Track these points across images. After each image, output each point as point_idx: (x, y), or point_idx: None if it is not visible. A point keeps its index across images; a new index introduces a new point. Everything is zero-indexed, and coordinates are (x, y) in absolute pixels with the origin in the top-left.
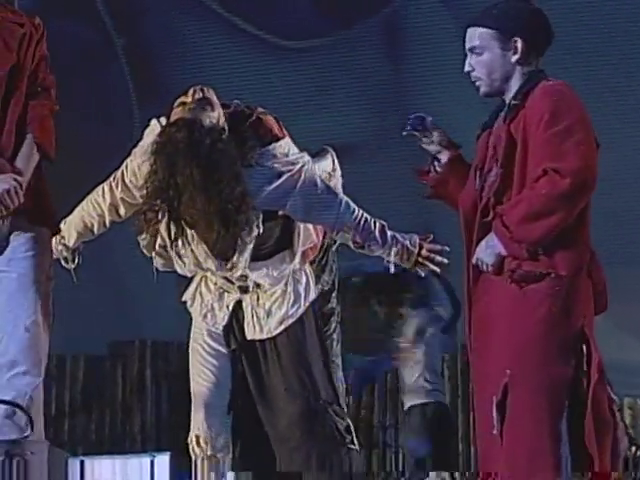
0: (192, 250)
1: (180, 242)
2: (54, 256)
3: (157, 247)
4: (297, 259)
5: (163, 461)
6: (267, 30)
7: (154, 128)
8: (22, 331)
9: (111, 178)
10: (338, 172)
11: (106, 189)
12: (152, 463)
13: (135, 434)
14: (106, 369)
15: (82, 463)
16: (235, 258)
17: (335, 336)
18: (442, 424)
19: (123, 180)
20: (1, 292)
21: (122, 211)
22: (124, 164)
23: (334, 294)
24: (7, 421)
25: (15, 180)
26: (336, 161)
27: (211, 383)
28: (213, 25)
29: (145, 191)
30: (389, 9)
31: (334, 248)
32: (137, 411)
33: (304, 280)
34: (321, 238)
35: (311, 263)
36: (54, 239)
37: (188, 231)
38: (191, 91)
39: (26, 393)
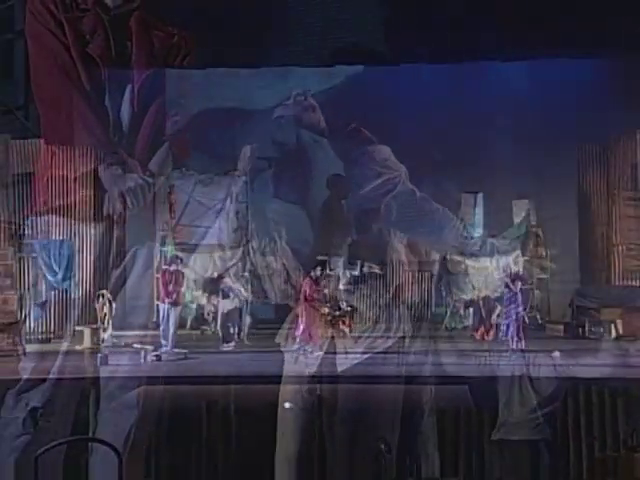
0: (283, 263)
1: (268, 250)
2: None
3: (246, 272)
4: (391, 289)
5: None
6: None
7: (245, 153)
8: None
9: None
10: None
11: None
12: None
13: (219, 470)
14: (191, 406)
15: None
16: (327, 271)
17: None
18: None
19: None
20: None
21: None
22: None
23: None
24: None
25: (144, 180)
26: None
27: (300, 438)
28: None
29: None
30: None
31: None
32: (221, 448)
33: (397, 314)
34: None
35: (409, 309)
36: None
37: (278, 241)
38: (293, 93)
39: (124, 431)
